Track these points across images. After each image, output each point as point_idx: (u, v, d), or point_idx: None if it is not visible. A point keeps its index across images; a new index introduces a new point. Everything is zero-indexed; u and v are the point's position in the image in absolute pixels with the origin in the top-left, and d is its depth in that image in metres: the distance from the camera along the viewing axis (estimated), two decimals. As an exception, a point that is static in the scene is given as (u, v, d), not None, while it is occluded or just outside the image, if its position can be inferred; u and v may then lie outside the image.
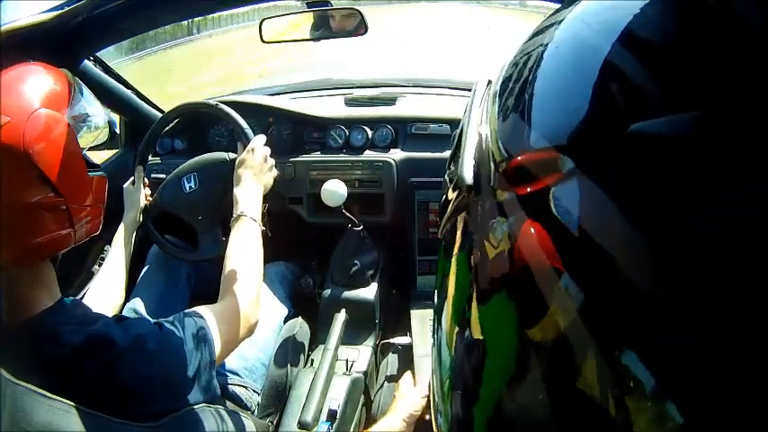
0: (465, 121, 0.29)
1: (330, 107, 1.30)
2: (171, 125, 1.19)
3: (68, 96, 0.58)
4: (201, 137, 1.30)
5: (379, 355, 1.07)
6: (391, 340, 1.03)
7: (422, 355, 0.96)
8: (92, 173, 0.60)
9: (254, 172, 0.94)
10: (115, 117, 1.26)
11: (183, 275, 1.17)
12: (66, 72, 0.61)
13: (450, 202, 0.28)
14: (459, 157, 0.27)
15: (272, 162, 0.99)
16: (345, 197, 1.02)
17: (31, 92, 0.54)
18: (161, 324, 0.61)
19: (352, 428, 0.87)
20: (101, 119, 0.70)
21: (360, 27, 1.03)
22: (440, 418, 0.27)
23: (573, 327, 0.17)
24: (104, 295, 0.88)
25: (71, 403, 0.46)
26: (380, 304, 1.12)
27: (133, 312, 1.01)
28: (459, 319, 0.25)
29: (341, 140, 1.24)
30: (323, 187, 1.04)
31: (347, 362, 0.96)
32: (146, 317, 1.01)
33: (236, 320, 0.71)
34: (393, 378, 0.99)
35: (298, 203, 1.24)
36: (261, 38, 1.08)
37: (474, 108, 0.29)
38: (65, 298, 0.59)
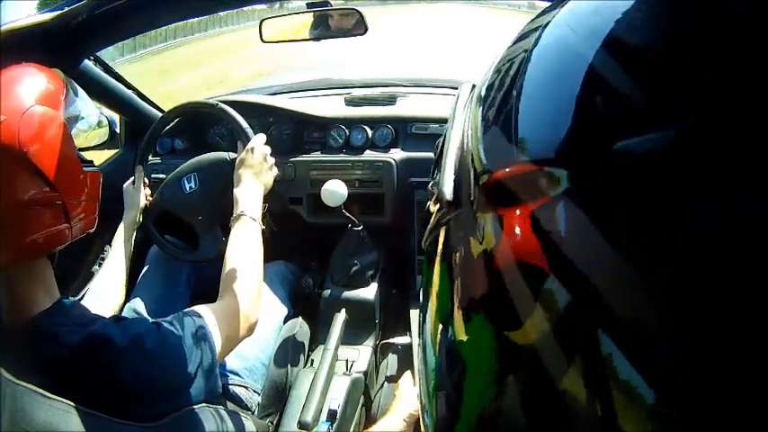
0: (448, 127, 0.28)
1: (330, 107, 1.30)
2: (171, 125, 1.19)
3: (62, 95, 0.59)
4: (201, 137, 1.30)
5: (379, 355, 1.07)
6: (391, 340, 1.03)
7: None
8: (86, 168, 0.61)
9: (254, 171, 0.94)
10: (115, 117, 1.26)
11: (183, 276, 1.17)
12: (59, 72, 0.62)
13: (432, 214, 0.27)
14: (441, 168, 0.26)
15: (272, 161, 0.99)
16: (345, 197, 1.02)
17: (26, 91, 0.55)
18: (159, 324, 0.61)
19: (352, 428, 0.87)
20: (94, 118, 0.70)
21: (359, 27, 1.03)
22: (426, 417, 0.27)
23: (558, 327, 0.17)
24: (104, 295, 0.88)
25: (71, 403, 0.46)
26: (380, 304, 1.12)
27: (133, 313, 1.01)
28: (443, 320, 0.25)
29: (341, 140, 1.24)
30: (323, 187, 1.04)
31: (347, 362, 0.96)
32: (145, 317, 1.01)
33: (236, 319, 0.71)
34: (393, 378, 0.99)
35: (298, 203, 1.24)
36: (261, 38, 1.08)
37: (457, 114, 0.29)
38: (64, 298, 0.59)
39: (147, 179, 1.11)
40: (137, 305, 1.04)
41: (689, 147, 0.15)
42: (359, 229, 1.11)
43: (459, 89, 0.31)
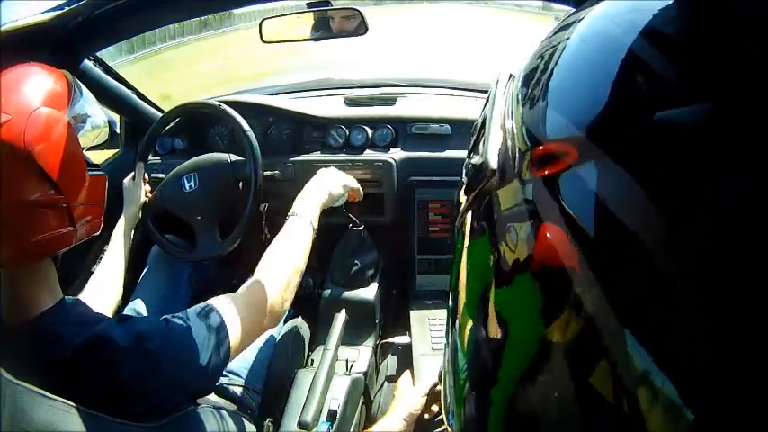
0: (487, 113, 0.29)
1: (330, 107, 1.30)
2: (171, 125, 1.19)
3: (68, 96, 0.58)
4: (201, 137, 1.30)
5: (379, 355, 1.07)
6: (390, 340, 1.03)
7: (421, 354, 0.96)
8: (91, 172, 0.60)
9: (326, 182, 0.93)
10: (115, 117, 1.26)
11: (184, 276, 1.17)
12: (66, 73, 0.61)
13: (470, 191, 0.28)
14: (483, 145, 0.27)
15: (351, 186, 0.98)
16: (346, 197, 1.02)
17: (32, 91, 0.54)
18: (167, 320, 0.60)
19: (352, 428, 0.87)
20: (100, 119, 0.70)
21: (360, 27, 1.03)
22: (452, 419, 0.27)
23: (597, 315, 0.17)
24: (103, 290, 0.88)
25: (71, 403, 0.46)
26: (380, 304, 1.12)
27: (135, 313, 1.01)
28: (477, 313, 0.26)
29: (341, 140, 1.24)
30: None
31: (347, 362, 0.96)
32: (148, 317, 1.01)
33: (259, 308, 0.69)
34: (393, 378, 0.99)
35: None
36: (261, 38, 1.08)
37: (497, 101, 0.30)
38: (66, 298, 0.59)
39: (147, 176, 1.11)
40: (138, 306, 1.04)
41: (721, 122, 0.16)
42: (359, 229, 1.11)
43: (497, 77, 0.32)
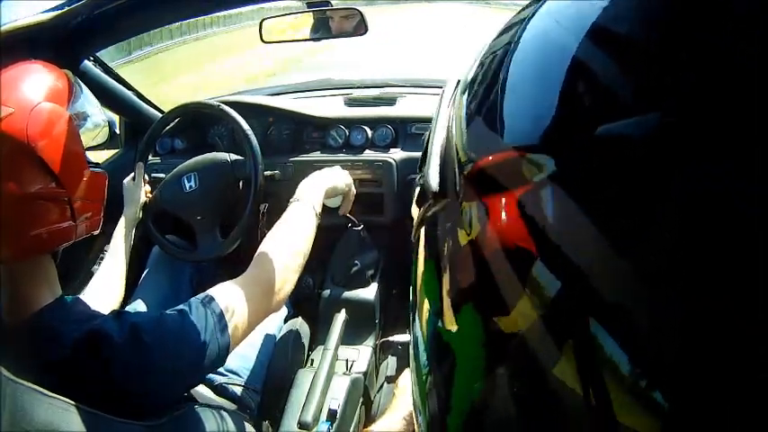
0: (433, 123, 0.29)
1: (330, 107, 1.30)
2: (171, 125, 1.19)
3: (69, 94, 0.59)
4: (201, 137, 1.30)
5: (379, 354, 1.07)
6: (391, 338, 1.03)
7: None
8: (93, 169, 0.61)
9: (330, 173, 0.92)
10: (115, 117, 1.26)
11: (185, 277, 1.17)
12: (67, 71, 0.62)
13: (420, 206, 0.27)
14: (426, 162, 0.26)
15: (350, 186, 0.96)
16: (341, 200, 1.01)
17: (35, 87, 0.55)
18: (162, 313, 0.59)
19: (351, 428, 0.87)
20: (99, 118, 0.70)
21: (360, 27, 1.03)
22: (419, 416, 0.27)
23: (537, 328, 0.17)
24: (104, 290, 0.88)
25: (71, 402, 0.45)
26: (380, 304, 1.12)
27: (135, 311, 1.01)
28: (433, 314, 0.25)
29: (341, 140, 1.24)
30: None
31: (347, 362, 0.96)
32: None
33: (263, 291, 0.68)
34: (392, 378, 0.99)
35: None
36: (261, 38, 1.08)
37: (442, 109, 0.29)
38: (66, 296, 0.59)
39: (147, 176, 1.11)
40: (139, 307, 1.04)
41: (671, 131, 0.15)
42: (359, 228, 1.11)
43: (444, 85, 0.31)
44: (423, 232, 0.27)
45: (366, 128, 1.23)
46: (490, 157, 0.21)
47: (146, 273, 1.15)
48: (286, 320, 1.09)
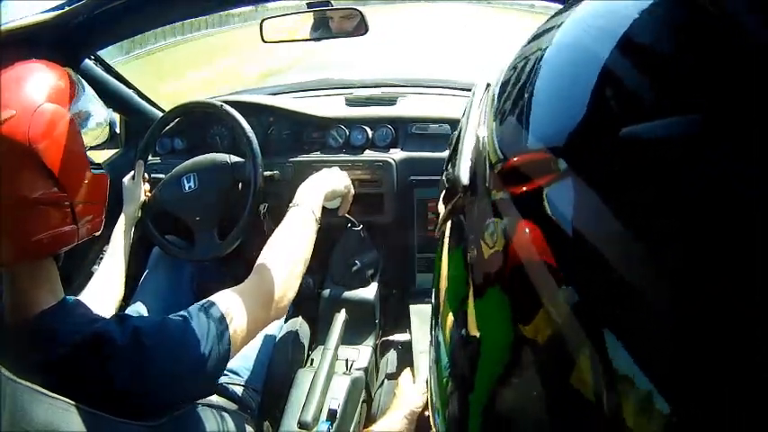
0: (463, 124, 0.30)
1: (330, 107, 1.30)
2: (171, 125, 1.19)
3: (72, 93, 0.58)
4: (201, 137, 1.30)
5: (380, 353, 1.07)
6: (391, 337, 1.03)
7: (421, 351, 0.96)
8: (94, 170, 0.61)
9: (329, 175, 0.92)
10: (115, 117, 1.26)
11: (186, 277, 1.17)
12: (70, 71, 0.62)
13: (447, 202, 0.28)
14: (457, 159, 0.27)
15: (350, 188, 0.96)
16: (339, 202, 0.99)
17: (36, 87, 0.54)
18: (164, 318, 0.59)
19: (352, 428, 0.87)
20: (102, 116, 0.70)
21: (360, 27, 1.03)
22: (437, 417, 0.27)
23: (566, 323, 0.17)
24: (104, 290, 0.88)
25: (71, 402, 0.45)
26: (380, 304, 1.12)
27: (136, 314, 1.01)
28: (456, 316, 0.26)
29: (341, 140, 1.24)
30: None
31: (347, 361, 0.96)
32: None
33: (263, 299, 0.68)
34: (393, 376, 0.99)
35: None
36: (261, 38, 1.08)
37: (473, 111, 0.30)
38: (67, 297, 0.59)
39: (146, 175, 1.11)
40: (140, 306, 1.04)
41: (697, 134, 0.15)
42: (358, 229, 1.11)
43: (474, 87, 0.32)
44: (448, 226, 0.28)
45: (366, 128, 1.23)
46: (521, 156, 0.22)
47: (146, 273, 1.15)
48: (286, 320, 1.09)
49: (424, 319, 1.04)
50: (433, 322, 0.30)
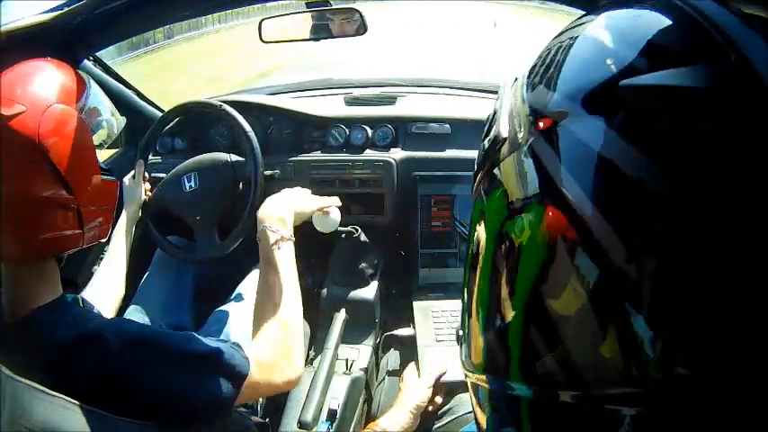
0: (497, 106, 0.34)
1: (330, 106, 1.30)
2: (171, 124, 1.19)
3: (80, 92, 0.58)
4: (201, 137, 1.30)
5: (381, 351, 1.07)
6: (395, 332, 1.03)
7: (425, 345, 0.96)
8: (105, 176, 0.60)
9: (284, 195, 0.81)
10: (122, 120, 1.26)
11: (188, 277, 1.17)
12: (81, 72, 0.61)
13: (484, 165, 0.32)
14: (494, 123, 0.31)
15: (319, 206, 0.86)
16: (338, 222, 0.92)
17: (48, 85, 0.54)
18: (162, 328, 0.59)
19: (352, 428, 0.87)
20: (109, 115, 0.69)
21: (359, 27, 1.03)
22: (466, 346, 0.32)
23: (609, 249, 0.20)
24: (105, 289, 0.88)
25: (71, 400, 0.45)
26: (380, 304, 1.12)
27: (137, 313, 1.02)
28: (495, 239, 0.29)
29: (341, 140, 1.24)
30: (313, 218, 0.89)
31: (347, 361, 0.96)
32: (148, 320, 1.01)
33: (270, 370, 0.62)
34: (394, 373, 0.99)
35: None
36: (260, 38, 1.08)
37: (505, 96, 0.34)
38: (66, 295, 0.59)
39: (147, 174, 1.11)
40: (141, 306, 1.04)
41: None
42: (357, 234, 1.09)
43: (504, 80, 0.36)
44: (485, 181, 0.31)
45: (366, 127, 1.23)
46: (549, 111, 0.25)
47: (148, 272, 1.15)
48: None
49: (427, 314, 1.04)
50: (468, 273, 0.33)
